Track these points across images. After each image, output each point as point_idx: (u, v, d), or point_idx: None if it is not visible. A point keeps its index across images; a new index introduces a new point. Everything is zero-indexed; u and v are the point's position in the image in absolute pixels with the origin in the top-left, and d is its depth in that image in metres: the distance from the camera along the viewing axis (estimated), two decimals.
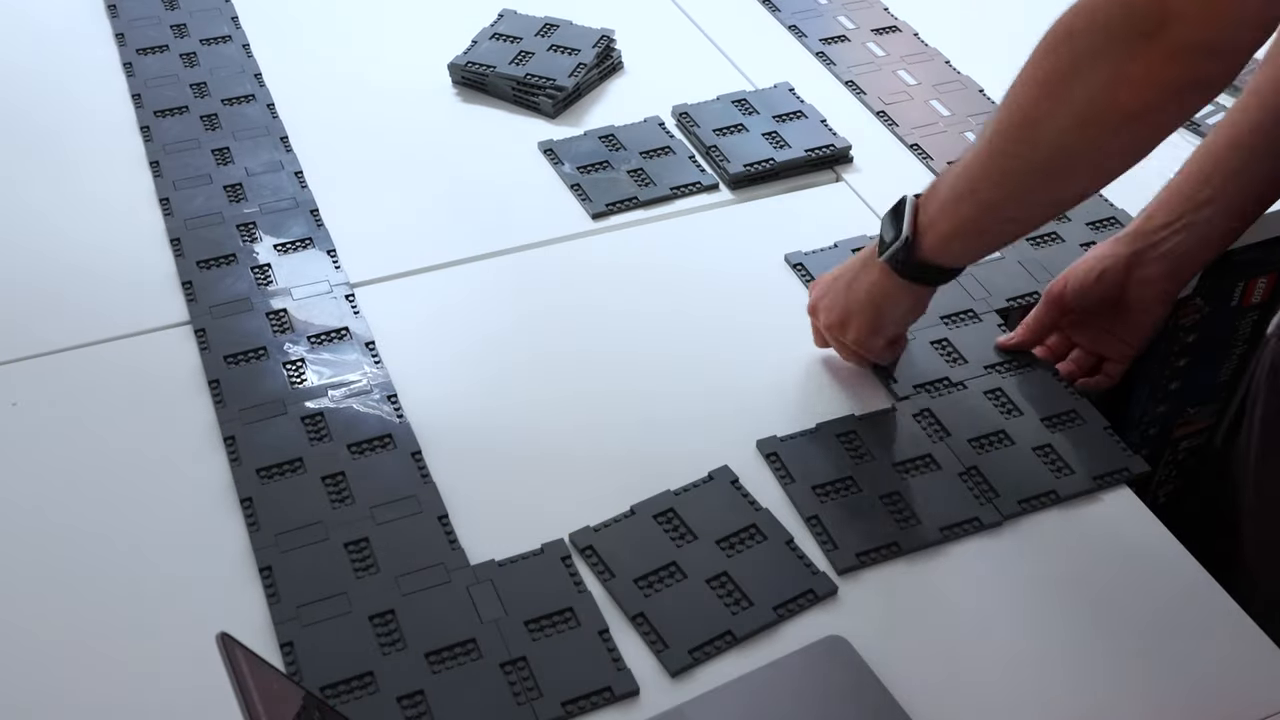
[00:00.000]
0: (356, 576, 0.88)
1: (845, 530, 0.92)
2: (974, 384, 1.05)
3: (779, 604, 0.87)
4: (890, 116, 1.37)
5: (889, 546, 0.91)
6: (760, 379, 1.06)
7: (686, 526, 0.92)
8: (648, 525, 0.93)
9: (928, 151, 1.32)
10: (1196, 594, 0.90)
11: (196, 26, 1.48)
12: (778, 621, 0.87)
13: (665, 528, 0.92)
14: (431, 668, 0.83)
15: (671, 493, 0.95)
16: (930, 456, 0.99)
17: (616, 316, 1.13)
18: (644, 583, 0.89)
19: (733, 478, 0.96)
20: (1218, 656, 0.86)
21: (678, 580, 0.89)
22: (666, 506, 0.94)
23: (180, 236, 1.18)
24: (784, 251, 1.19)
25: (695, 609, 0.87)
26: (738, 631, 0.86)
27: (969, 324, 1.11)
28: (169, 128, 1.32)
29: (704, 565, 0.90)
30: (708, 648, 0.85)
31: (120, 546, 0.91)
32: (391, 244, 1.19)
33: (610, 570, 0.89)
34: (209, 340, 1.07)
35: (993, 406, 1.03)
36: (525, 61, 1.40)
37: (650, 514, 0.93)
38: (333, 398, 1.02)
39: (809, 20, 1.54)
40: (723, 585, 0.89)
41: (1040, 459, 0.99)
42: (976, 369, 1.06)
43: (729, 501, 0.94)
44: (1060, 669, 0.85)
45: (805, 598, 0.88)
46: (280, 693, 0.64)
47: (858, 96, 1.41)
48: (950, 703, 0.83)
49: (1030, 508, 0.95)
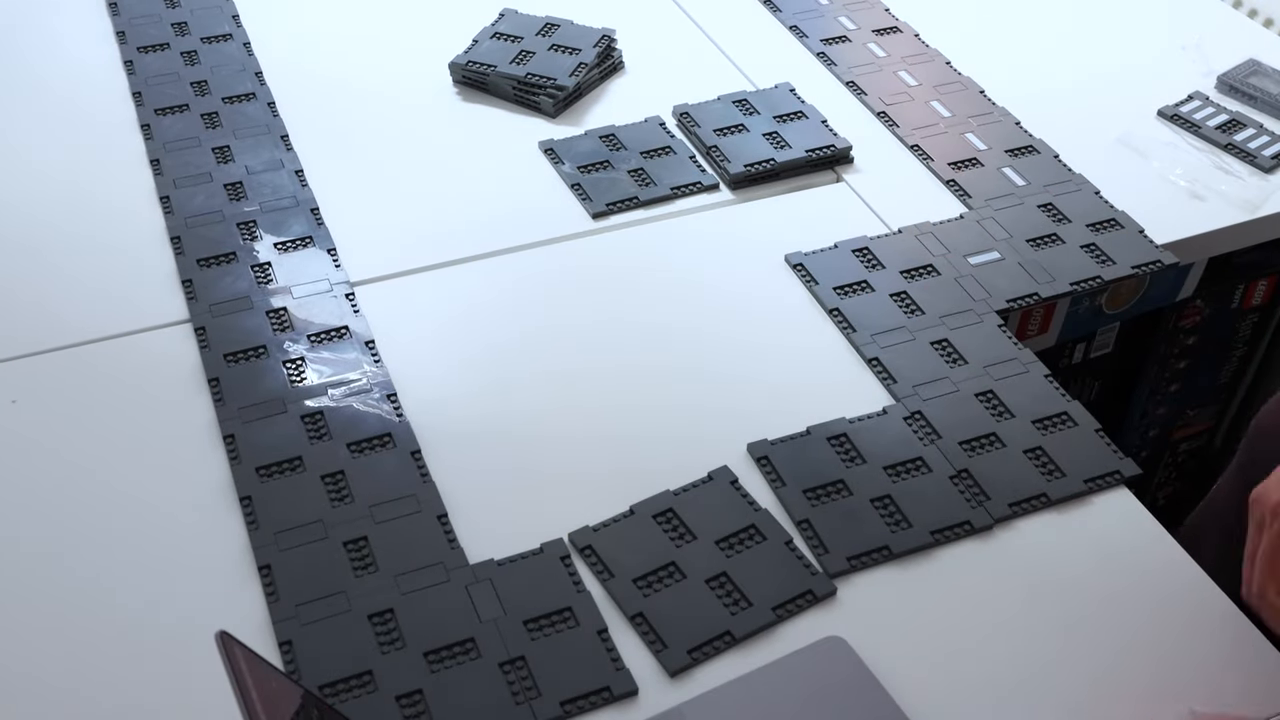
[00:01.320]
0: (355, 575, 0.88)
1: (837, 534, 0.92)
2: (965, 386, 1.05)
3: (778, 604, 0.87)
4: (891, 117, 1.37)
5: (880, 550, 0.91)
6: (761, 379, 1.06)
7: (686, 527, 0.92)
8: (647, 525, 0.93)
9: (928, 152, 1.32)
10: (1195, 595, 0.90)
11: (197, 24, 1.48)
12: (777, 622, 0.87)
13: (665, 528, 0.92)
14: (430, 667, 0.83)
15: (671, 493, 0.95)
16: (922, 460, 0.98)
17: (616, 316, 1.12)
18: (643, 583, 0.89)
19: (732, 478, 0.96)
20: (1217, 657, 0.86)
21: (677, 580, 0.89)
22: (666, 506, 0.94)
23: (180, 235, 1.18)
24: (784, 252, 1.19)
25: (694, 609, 0.87)
26: (737, 632, 0.86)
27: (970, 326, 1.11)
28: (169, 126, 1.32)
29: (703, 565, 0.90)
30: (706, 648, 0.85)
31: (119, 544, 0.91)
32: (392, 243, 1.19)
33: (609, 570, 0.89)
34: (209, 338, 1.07)
35: (984, 409, 1.03)
36: (526, 61, 1.40)
37: (650, 514, 0.93)
38: (332, 396, 1.02)
39: (810, 21, 1.54)
40: (722, 585, 0.89)
41: (1031, 461, 0.99)
42: (976, 369, 1.06)
43: (728, 502, 0.94)
44: (1059, 669, 0.85)
45: (804, 598, 0.88)
46: (279, 691, 0.64)
47: (858, 97, 1.41)
48: (948, 703, 0.83)
49: (1021, 511, 0.95)
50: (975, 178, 1.28)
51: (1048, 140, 1.33)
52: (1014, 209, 1.22)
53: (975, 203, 1.25)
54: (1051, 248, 1.20)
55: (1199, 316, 1.40)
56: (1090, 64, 1.48)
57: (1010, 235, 1.21)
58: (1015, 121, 1.37)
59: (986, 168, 1.30)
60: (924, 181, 1.29)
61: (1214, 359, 1.47)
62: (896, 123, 1.37)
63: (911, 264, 1.17)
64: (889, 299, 1.13)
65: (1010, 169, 1.30)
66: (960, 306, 1.12)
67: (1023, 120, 1.37)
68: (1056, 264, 1.18)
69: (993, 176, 1.29)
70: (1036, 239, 1.21)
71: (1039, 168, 1.30)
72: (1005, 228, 1.21)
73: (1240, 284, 1.39)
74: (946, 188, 1.28)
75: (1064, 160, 1.31)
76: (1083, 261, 1.18)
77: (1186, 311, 1.38)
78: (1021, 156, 1.32)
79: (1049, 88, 1.43)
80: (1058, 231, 1.22)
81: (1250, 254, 1.34)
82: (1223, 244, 1.25)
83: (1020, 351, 1.08)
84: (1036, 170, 1.29)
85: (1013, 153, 1.32)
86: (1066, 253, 1.20)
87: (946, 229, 1.22)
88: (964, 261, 1.17)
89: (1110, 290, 1.18)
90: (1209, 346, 1.45)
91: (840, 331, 1.10)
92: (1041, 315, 1.21)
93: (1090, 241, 1.21)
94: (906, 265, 1.17)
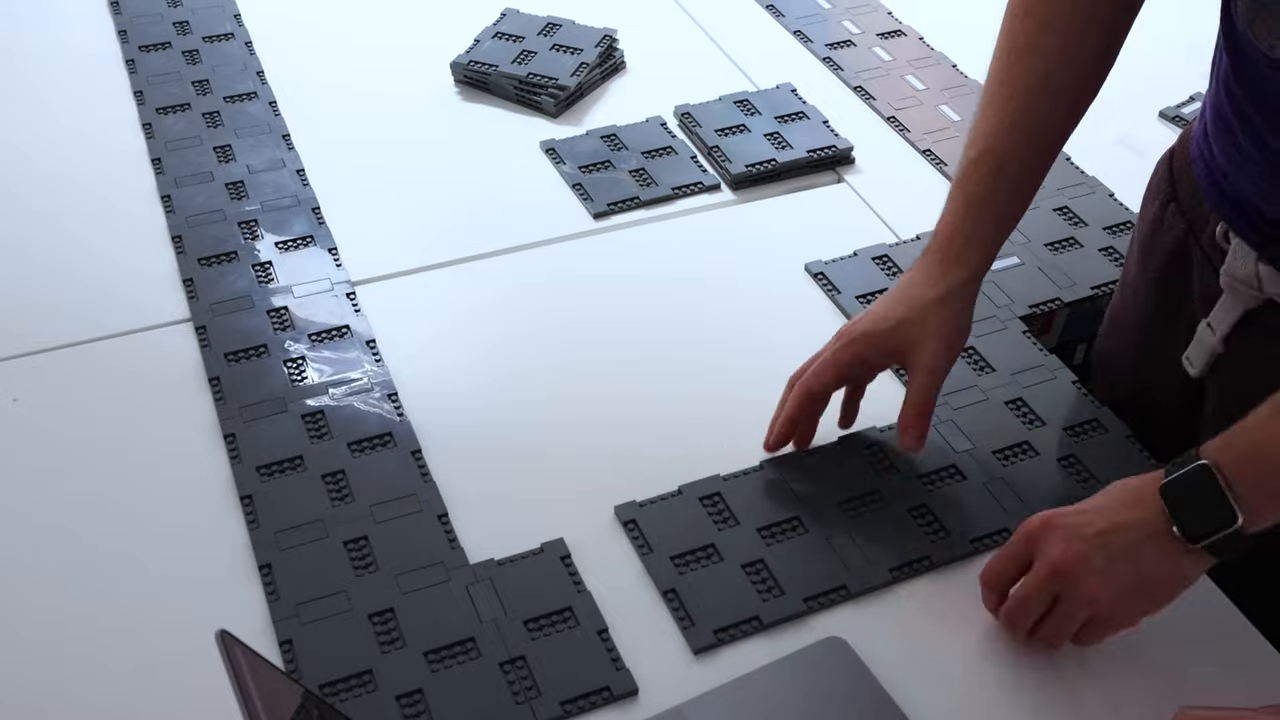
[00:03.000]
0: (356, 575, 0.88)
1: (872, 541, 0.92)
2: (995, 394, 1.04)
3: (810, 596, 0.88)
4: (901, 121, 1.37)
5: (921, 560, 0.91)
6: (760, 379, 1.06)
7: (730, 511, 0.93)
8: (693, 506, 0.94)
9: (940, 157, 1.31)
10: (1195, 596, 0.89)
11: (199, 24, 1.48)
12: (807, 613, 0.87)
13: (709, 510, 0.94)
14: (431, 666, 0.83)
15: (720, 478, 0.96)
16: (955, 467, 0.98)
17: (616, 316, 1.12)
18: (680, 560, 0.90)
19: (773, 475, 0.97)
20: (1216, 658, 0.86)
21: (715, 562, 0.90)
22: (714, 490, 0.95)
23: (181, 233, 1.18)
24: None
25: (727, 591, 0.88)
26: (765, 618, 0.87)
27: (995, 332, 1.11)
28: (171, 125, 1.32)
29: (743, 551, 0.91)
30: (734, 630, 0.86)
31: (120, 543, 0.91)
32: (393, 242, 1.19)
33: (649, 545, 0.91)
34: (210, 338, 1.07)
35: (1015, 417, 1.02)
36: (527, 61, 1.40)
37: (697, 495, 0.95)
38: (333, 396, 1.02)
39: (814, 25, 1.54)
40: (757, 572, 0.89)
41: (1066, 470, 0.98)
42: (1004, 377, 1.06)
43: (772, 493, 0.95)
44: (1057, 669, 0.85)
45: (839, 592, 0.89)
46: (279, 690, 0.64)
47: (867, 101, 1.41)
48: (947, 703, 0.83)
49: None
50: None
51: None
52: (1030, 213, 1.20)
53: None
54: (1070, 251, 1.20)
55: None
56: None
57: (1029, 240, 1.21)
58: None
59: None
60: (939, 186, 1.28)
61: None
62: (907, 127, 1.36)
63: None
64: None
65: None
66: (984, 313, 1.11)
67: None
68: (1076, 268, 1.18)
69: None
70: (1055, 243, 1.21)
71: (1052, 171, 1.29)
72: (1023, 232, 1.20)
73: None
74: None
75: (1075, 163, 1.31)
76: (1102, 265, 1.18)
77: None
78: None
79: None
80: (1075, 235, 1.22)
81: None
82: None
83: (1047, 358, 1.08)
84: (1050, 174, 1.28)
85: None
86: (1085, 256, 1.19)
87: None
88: None
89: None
90: None
91: None
92: (1043, 316, 1.20)
93: (1108, 245, 1.21)
94: None
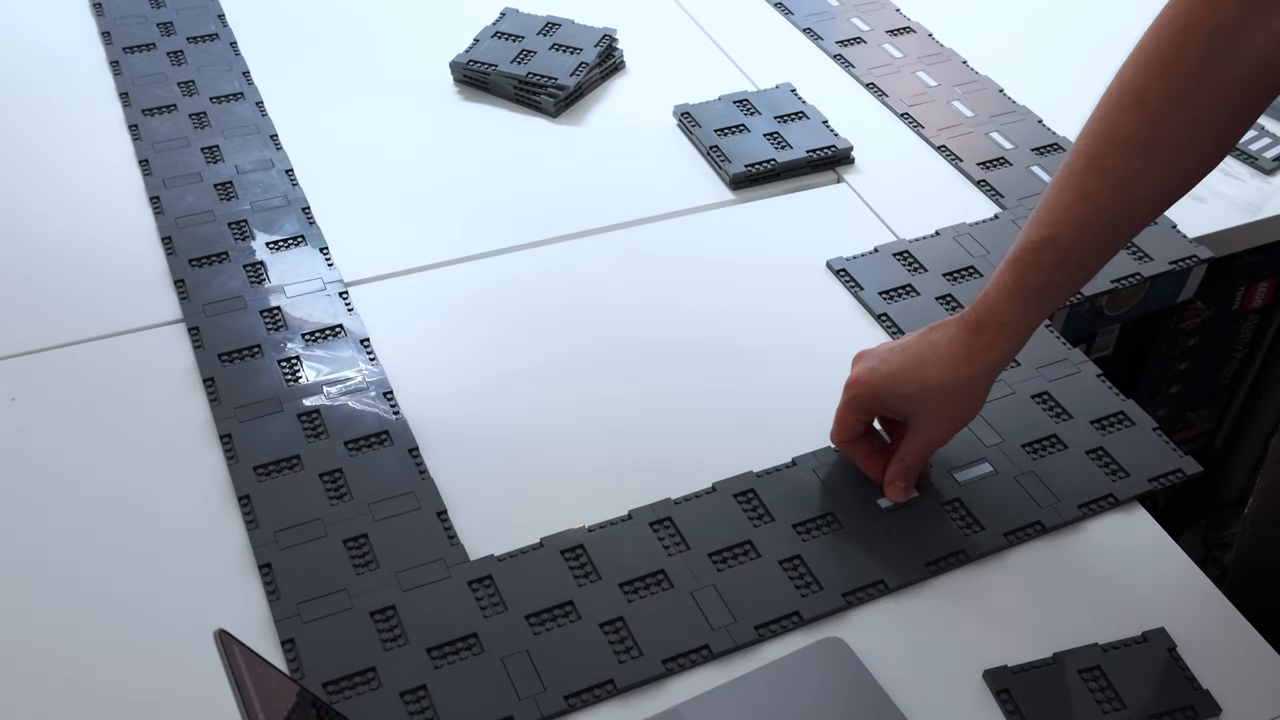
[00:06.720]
0: (356, 573, 0.87)
1: (900, 540, 0.91)
2: (1021, 389, 1.03)
3: (847, 591, 0.87)
4: (915, 118, 1.36)
5: (956, 554, 0.90)
6: (761, 379, 1.05)
7: (765, 508, 0.92)
8: (728, 503, 0.93)
9: (956, 153, 1.31)
10: (1195, 597, 0.89)
11: (183, 24, 1.46)
12: (846, 608, 0.86)
13: (744, 507, 0.92)
14: (434, 663, 0.81)
15: (754, 474, 0.95)
16: (986, 461, 0.97)
17: (613, 315, 1.11)
18: (717, 558, 0.89)
19: (812, 465, 0.96)
20: (1217, 660, 0.84)
21: (752, 559, 0.89)
22: (748, 487, 0.94)
23: (171, 235, 1.16)
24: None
25: (766, 587, 0.87)
26: (805, 613, 0.85)
27: None
28: (158, 126, 1.30)
29: (778, 548, 0.90)
30: (774, 625, 0.85)
31: (118, 545, 0.89)
32: (391, 242, 1.18)
33: (687, 543, 0.90)
34: (203, 338, 1.05)
35: (1042, 411, 1.01)
36: (527, 60, 1.39)
37: (731, 492, 0.94)
38: (328, 395, 1.00)
39: (823, 23, 1.53)
40: (795, 568, 0.88)
41: (1095, 462, 0.97)
42: (1030, 371, 1.05)
43: (806, 488, 0.94)
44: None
45: (876, 587, 0.87)
46: (278, 690, 0.63)
47: (879, 99, 1.40)
48: (947, 704, 0.81)
49: (1090, 512, 0.93)
50: (1005, 177, 1.27)
51: (1070, 138, 1.32)
52: None
53: (1008, 202, 1.24)
54: None
55: (1199, 318, 1.39)
56: (1093, 64, 1.47)
57: None
58: (1037, 120, 1.36)
59: (1015, 167, 1.29)
60: (955, 182, 1.28)
61: (1214, 361, 1.47)
62: (921, 123, 1.35)
63: (953, 266, 1.16)
64: (934, 302, 1.12)
65: (1038, 168, 1.29)
66: None
67: (1044, 118, 1.36)
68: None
69: (1022, 176, 1.27)
70: None
71: None
72: None
73: (1241, 286, 1.39)
74: (978, 188, 1.26)
75: None
76: (1120, 259, 1.17)
77: (1187, 313, 1.37)
78: (1048, 155, 1.30)
79: (1060, 87, 1.40)
80: None
81: (1251, 256, 1.34)
82: (1224, 246, 1.24)
83: (1070, 351, 1.07)
84: None
85: (1039, 151, 1.31)
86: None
87: (983, 230, 1.20)
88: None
89: (1111, 290, 1.17)
90: (1209, 348, 1.44)
91: (886, 332, 1.09)
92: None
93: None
94: (948, 268, 1.16)
